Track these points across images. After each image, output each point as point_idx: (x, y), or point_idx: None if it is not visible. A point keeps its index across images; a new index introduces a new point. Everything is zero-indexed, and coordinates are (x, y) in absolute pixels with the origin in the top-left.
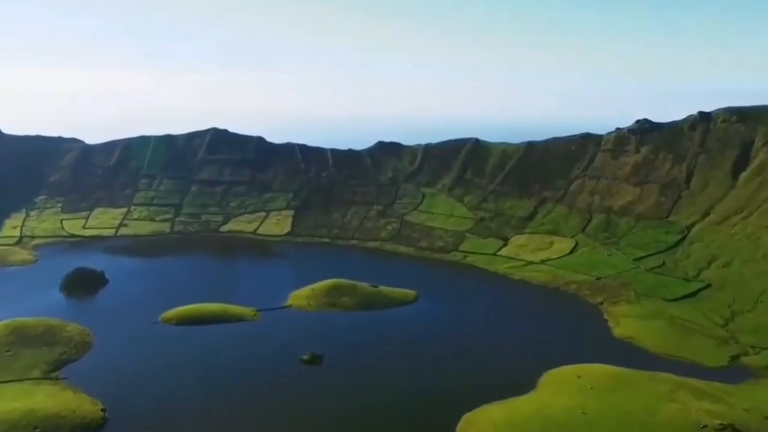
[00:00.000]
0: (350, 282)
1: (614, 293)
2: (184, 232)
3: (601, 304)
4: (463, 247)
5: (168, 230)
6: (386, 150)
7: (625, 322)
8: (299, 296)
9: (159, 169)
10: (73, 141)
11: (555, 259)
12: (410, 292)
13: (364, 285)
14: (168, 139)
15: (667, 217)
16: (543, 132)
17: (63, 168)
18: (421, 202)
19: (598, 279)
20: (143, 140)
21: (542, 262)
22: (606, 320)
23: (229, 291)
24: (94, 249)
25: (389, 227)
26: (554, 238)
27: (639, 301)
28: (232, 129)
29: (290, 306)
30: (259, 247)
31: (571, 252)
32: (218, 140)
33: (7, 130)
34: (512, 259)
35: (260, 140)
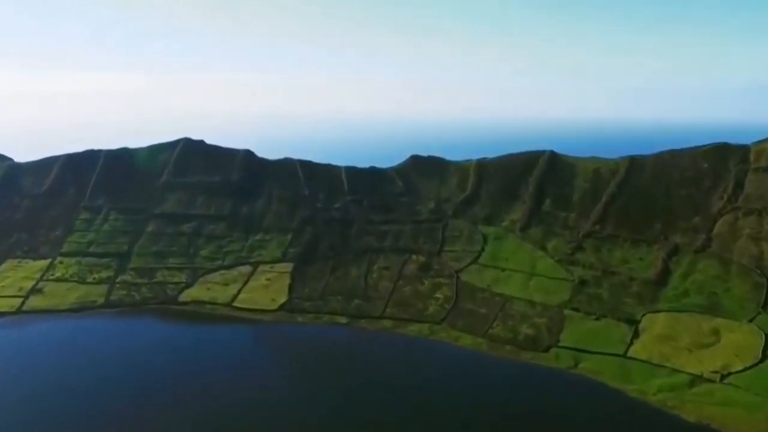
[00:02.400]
0: None
1: None
2: (125, 303)
3: None
4: (567, 336)
5: (101, 300)
6: (423, 168)
7: None
8: None
9: (106, 198)
10: None
11: (742, 372)
12: None
13: None
14: (123, 156)
15: None
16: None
17: None
18: (483, 249)
19: None
20: (90, 156)
21: (722, 378)
22: None
23: None
24: None
25: (439, 295)
26: (717, 320)
27: None
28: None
29: None
30: (232, 341)
31: (766, 353)
32: (191, 155)
33: None
34: (660, 367)
35: (248, 155)
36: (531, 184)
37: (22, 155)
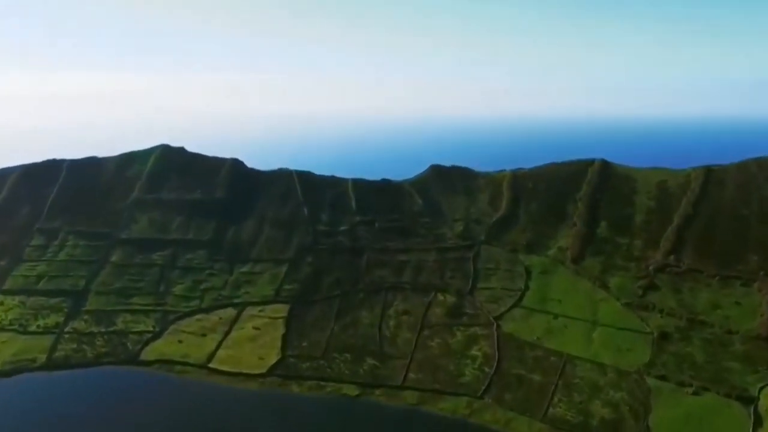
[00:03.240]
0: None
1: None
2: (72, 362)
3: None
4: (659, 421)
5: (43, 357)
6: (447, 180)
7: None
8: None
9: (65, 219)
10: None
11: None
12: None
13: None
14: (89, 167)
15: None
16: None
17: None
18: (527, 287)
19: None
20: (50, 168)
21: None
22: None
23: None
24: None
25: (475, 351)
26: None
27: None
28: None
29: None
30: (201, 427)
31: None
32: (168, 165)
33: None
34: None
35: (236, 166)
36: (580, 201)
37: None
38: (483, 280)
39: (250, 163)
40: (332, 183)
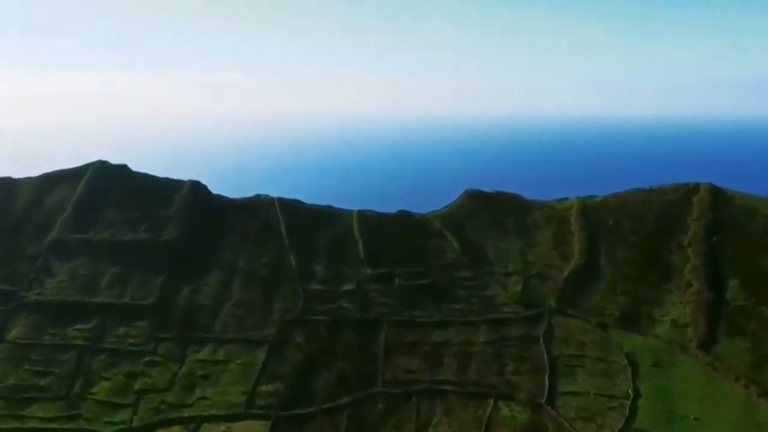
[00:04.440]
0: None
1: None
2: None
3: None
4: None
5: None
6: (489, 212)
7: None
8: None
9: None
10: None
11: None
12: None
13: None
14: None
15: None
16: None
17: None
18: (636, 393)
19: None
20: None
21: None
22: None
23: None
24: None
25: None
26: None
27: None
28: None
29: None
30: None
31: None
32: (104, 192)
33: None
34: None
35: (196, 191)
36: (690, 247)
37: None
38: (565, 378)
39: (219, 184)
40: (330, 216)
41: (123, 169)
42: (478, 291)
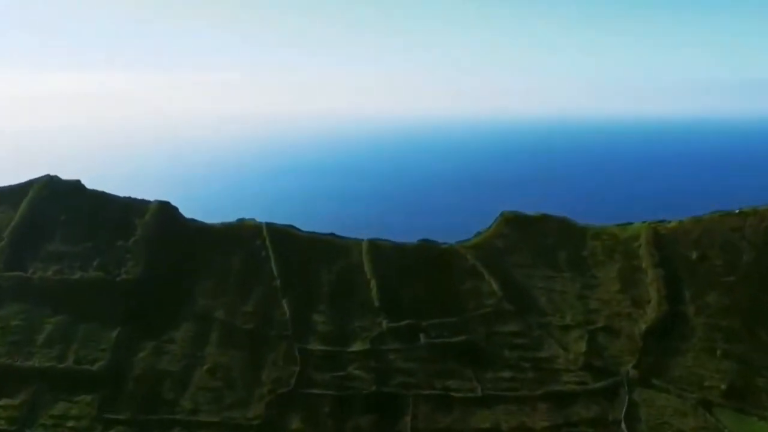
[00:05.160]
0: None
1: None
2: None
3: None
4: None
5: None
6: (533, 241)
7: None
8: None
9: None
10: None
11: None
12: None
13: None
14: None
15: None
16: None
17: None
18: None
19: None
20: None
21: None
22: None
23: None
24: None
25: None
26: None
27: None
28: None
29: None
30: None
31: None
32: (50, 216)
33: None
34: None
35: (163, 216)
36: None
37: None
38: None
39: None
40: (333, 248)
41: (76, 186)
42: (530, 352)
